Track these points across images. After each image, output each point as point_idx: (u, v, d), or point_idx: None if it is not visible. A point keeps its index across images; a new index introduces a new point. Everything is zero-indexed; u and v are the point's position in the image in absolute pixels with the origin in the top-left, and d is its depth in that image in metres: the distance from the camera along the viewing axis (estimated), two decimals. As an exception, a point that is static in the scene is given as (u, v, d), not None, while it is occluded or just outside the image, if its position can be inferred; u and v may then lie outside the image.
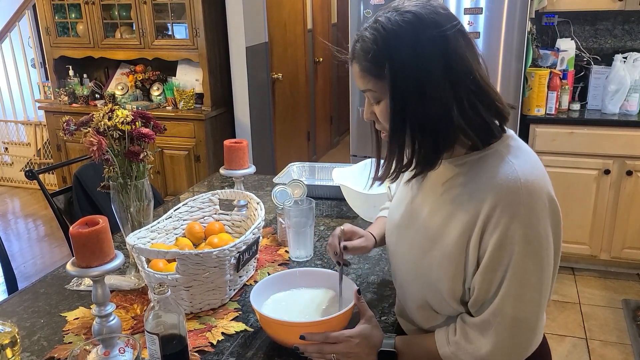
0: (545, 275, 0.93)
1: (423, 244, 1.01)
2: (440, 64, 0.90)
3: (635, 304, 2.91)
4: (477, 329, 0.96)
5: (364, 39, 0.93)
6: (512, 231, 0.89)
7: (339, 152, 5.86)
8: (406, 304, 1.13)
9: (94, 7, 3.82)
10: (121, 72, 4.16)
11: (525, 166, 0.93)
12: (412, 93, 0.91)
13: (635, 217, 3.04)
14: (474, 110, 0.93)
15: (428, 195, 1.04)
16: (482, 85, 0.94)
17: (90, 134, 1.26)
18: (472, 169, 0.96)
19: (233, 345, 1.16)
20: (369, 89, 0.96)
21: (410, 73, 0.90)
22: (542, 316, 0.96)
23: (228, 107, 3.94)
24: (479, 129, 0.94)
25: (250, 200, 1.51)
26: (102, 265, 1.05)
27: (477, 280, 0.94)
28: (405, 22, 0.90)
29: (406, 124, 0.93)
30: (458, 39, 0.92)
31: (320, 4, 5.29)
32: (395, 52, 0.90)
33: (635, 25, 3.28)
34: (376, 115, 0.98)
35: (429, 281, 1.01)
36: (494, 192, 0.90)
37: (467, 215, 0.93)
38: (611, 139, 2.97)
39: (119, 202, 1.37)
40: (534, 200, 0.90)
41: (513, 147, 0.97)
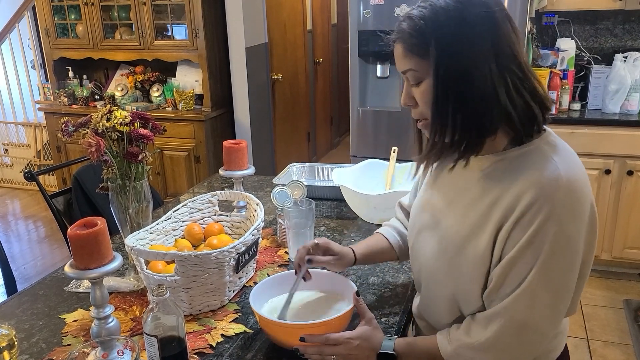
0: (569, 279, 0.91)
1: (456, 242, 0.98)
2: (487, 43, 0.89)
3: (637, 304, 2.90)
4: (484, 321, 0.94)
5: (411, 17, 0.93)
6: (545, 230, 0.87)
7: (339, 152, 5.86)
8: (433, 304, 1.09)
9: (94, 8, 3.82)
10: (121, 73, 4.16)
11: (568, 166, 0.91)
12: (459, 71, 0.90)
13: (636, 217, 3.03)
14: (520, 95, 0.91)
15: (462, 192, 1.01)
16: (526, 72, 0.92)
17: (88, 135, 1.25)
18: (512, 163, 0.94)
19: (232, 347, 1.16)
20: (411, 68, 0.94)
21: (458, 51, 0.89)
22: (555, 321, 0.93)
23: (228, 108, 3.94)
24: (524, 115, 0.92)
25: (250, 201, 1.51)
26: (101, 267, 1.04)
27: (497, 273, 0.92)
28: (456, 0, 0.90)
29: (449, 103, 0.91)
30: (505, 21, 0.91)
31: (320, 5, 5.28)
32: (443, 29, 0.90)
33: (635, 24, 3.27)
34: (415, 100, 0.97)
35: (461, 280, 0.99)
36: (534, 188, 0.88)
37: (503, 210, 0.91)
38: (612, 138, 2.96)
39: (118, 204, 1.36)
40: (573, 202, 0.88)
41: (555, 145, 0.95)
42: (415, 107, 0.99)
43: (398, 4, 2.91)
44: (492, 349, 0.94)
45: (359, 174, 1.83)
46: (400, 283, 1.39)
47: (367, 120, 3.22)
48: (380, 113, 3.17)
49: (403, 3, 2.89)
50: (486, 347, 0.94)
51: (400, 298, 1.32)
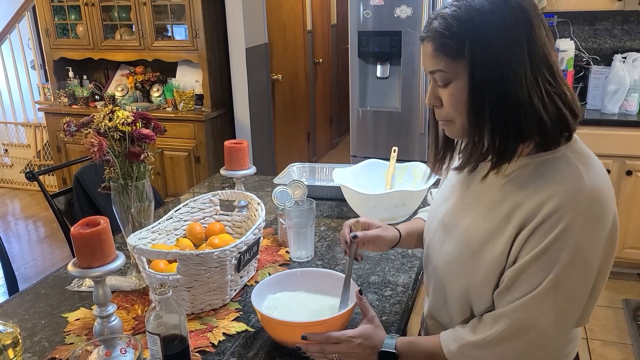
0: (582, 290, 0.90)
1: (473, 244, 0.98)
2: (523, 48, 0.87)
3: (636, 303, 2.90)
4: (491, 320, 0.94)
5: (444, 16, 0.91)
6: (564, 239, 0.86)
7: (339, 152, 5.87)
8: (445, 304, 1.08)
9: (94, 9, 3.83)
10: (121, 74, 4.16)
11: (593, 176, 0.89)
12: (493, 75, 0.88)
13: (635, 217, 3.04)
14: (552, 102, 0.89)
15: (483, 192, 1.00)
16: (557, 77, 0.91)
17: (91, 135, 1.26)
18: (538, 169, 0.92)
19: (234, 346, 1.16)
20: (440, 69, 0.93)
21: (493, 54, 0.87)
22: (564, 330, 0.93)
23: (228, 108, 3.94)
24: (556, 122, 0.90)
25: (251, 200, 1.51)
26: (103, 265, 1.05)
27: (509, 275, 0.92)
28: (490, 1, 0.88)
29: (485, 109, 0.90)
30: (540, 27, 0.90)
31: (319, 5, 5.29)
32: (478, 29, 0.88)
33: (634, 25, 3.28)
34: (441, 101, 0.96)
35: (475, 283, 0.98)
36: (558, 196, 0.87)
37: (524, 215, 0.90)
38: (611, 138, 2.97)
39: (120, 203, 1.37)
40: (596, 213, 0.87)
41: (581, 154, 0.93)
42: (441, 107, 0.97)
43: (398, 5, 2.92)
44: (496, 347, 0.94)
45: (360, 173, 1.84)
46: (401, 282, 1.40)
47: (367, 120, 3.23)
48: (380, 113, 3.18)
49: (403, 4, 2.90)
50: (490, 345, 0.94)
51: (400, 297, 1.33)
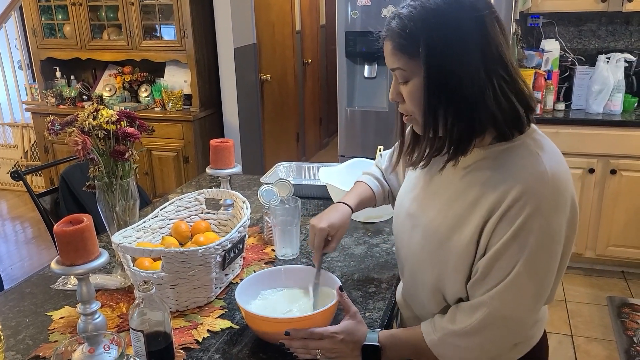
0: (551, 270, 0.94)
1: (441, 232, 1.01)
2: (476, 46, 0.90)
3: (620, 300, 2.95)
4: (469, 309, 0.97)
5: (401, 16, 0.94)
6: (532, 222, 0.90)
7: (328, 153, 5.88)
8: (417, 293, 1.12)
9: (81, 9, 3.81)
10: (109, 74, 4.15)
11: (553, 161, 0.93)
12: (447, 72, 0.91)
13: (619, 215, 3.08)
14: (506, 98, 0.93)
15: (446, 180, 1.03)
16: (513, 74, 0.94)
17: (75, 134, 1.26)
18: (497, 158, 0.96)
19: (218, 342, 1.17)
20: (399, 67, 0.96)
21: (447, 52, 0.90)
22: (537, 310, 0.98)
23: (216, 108, 3.95)
24: (509, 117, 0.94)
25: (237, 199, 1.52)
26: (87, 263, 1.05)
27: (483, 264, 0.95)
28: (444, 2, 0.91)
29: (440, 105, 0.93)
30: (494, 24, 0.93)
31: (308, 6, 5.31)
32: (432, 30, 0.91)
33: (618, 26, 3.32)
34: (402, 96, 0.99)
35: (445, 270, 1.01)
36: (522, 182, 0.91)
37: (490, 203, 0.93)
38: (595, 138, 3.01)
39: (105, 202, 1.37)
40: (558, 196, 0.91)
41: (540, 141, 0.97)
42: (403, 103, 1.00)
43: (385, 5, 2.94)
44: (477, 335, 0.97)
45: (345, 172, 1.85)
46: (385, 279, 1.41)
47: (355, 120, 3.25)
48: (368, 113, 3.20)
49: (390, 4, 2.92)
50: (471, 334, 0.97)
51: (384, 294, 1.34)
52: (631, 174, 3.00)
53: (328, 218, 1.25)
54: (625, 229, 3.09)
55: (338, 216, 1.26)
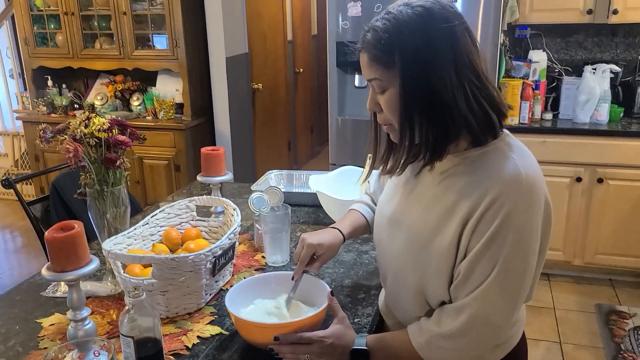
0: (528, 269, 0.97)
1: (423, 236, 1.03)
2: (448, 56, 0.94)
3: (608, 308, 2.98)
4: (454, 311, 0.99)
5: (375, 29, 0.98)
6: (509, 223, 0.93)
7: (320, 161, 5.90)
8: (400, 298, 1.13)
9: (73, 18, 3.83)
10: (101, 83, 4.16)
11: (526, 163, 0.97)
12: (422, 82, 0.95)
13: (606, 224, 3.12)
14: (478, 103, 0.97)
15: (426, 187, 1.06)
16: (484, 82, 0.98)
17: (66, 141, 1.27)
18: (473, 163, 1.00)
19: (208, 348, 1.18)
20: (376, 77, 0.99)
21: (421, 62, 0.94)
22: (517, 308, 1.00)
23: (208, 116, 3.96)
24: (482, 122, 0.98)
25: (227, 206, 1.53)
26: (77, 269, 1.06)
27: (464, 267, 0.97)
28: (417, 14, 0.95)
29: (415, 112, 0.96)
30: (465, 35, 0.97)
31: (300, 16, 5.35)
32: (406, 41, 0.95)
33: (604, 37, 3.39)
34: (380, 106, 1.02)
35: (427, 274, 1.03)
36: (497, 185, 0.94)
37: (468, 207, 0.97)
38: (582, 147, 3.05)
39: (96, 209, 1.38)
40: (533, 196, 0.95)
41: (513, 145, 1.01)
42: (381, 112, 1.04)
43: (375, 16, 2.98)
44: (463, 337, 0.99)
45: (335, 180, 1.87)
46: (373, 285, 1.42)
47: (345, 129, 3.28)
48: (358, 122, 3.23)
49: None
50: (457, 336, 0.99)
51: (373, 300, 1.36)
52: (617, 182, 3.04)
53: (320, 237, 1.26)
54: (613, 237, 3.13)
55: (330, 239, 1.27)
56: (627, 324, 2.82)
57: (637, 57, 3.33)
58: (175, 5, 3.56)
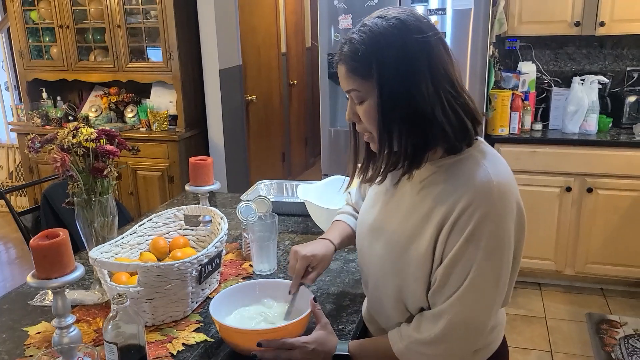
0: (503, 273, 0.99)
1: (401, 243, 1.05)
2: (424, 66, 0.97)
3: (599, 317, 2.99)
4: (432, 318, 1.01)
5: (352, 41, 1.00)
6: (481, 228, 0.95)
7: (314, 173, 5.92)
8: (381, 304, 1.15)
9: (68, 31, 3.86)
10: (95, 95, 4.19)
11: (498, 170, 1.00)
12: (399, 92, 0.97)
13: (597, 233, 3.14)
14: (454, 112, 0.99)
15: (404, 195, 1.08)
16: (459, 91, 1.01)
17: (54, 151, 1.29)
18: (448, 170, 1.02)
19: (193, 355, 1.19)
20: (354, 88, 1.02)
21: (397, 73, 0.97)
22: (494, 312, 1.02)
23: (202, 128, 3.98)
24: (458, 130, 1.00)
25: (215, 215, 1.55)
26: (62, 276, 1.07)
27: (440, 273, 0.99)
28: (392, 26, 0.98)
29: (394, 122, 0.99)
30: (439, 45, 0.99)
31: (294, 29, 5.40)
32: (383, 53, 0.97)
33: (592, 49, 3.43)
34: (359, 116, 1.04)
35: (406, 280, 1.05)
36: (469, 192, 0.97)
37: (442, 214, 0.99)
38: (572, 157, 3.08)
39: (84, 218, 1.39)
40: (504, 202, 0.97)
41: (486, 152, 1.04)
42: (360, 122, 1.06)
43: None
44: (442, 343, 1.00)
45: (324, 189, 1.88)
46: (359, 293, 1.44)
47: (338, 140, 3.30)
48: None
49: (370, 27, 3.00)
50: (436, 342, 1.00)
51: (358, 307, 1.37)
52: (607, 192, 3.07)
53: (313, 249, 1.27)
54: (603, 247, 3.15)
55: (322, 250, 1.28)
56: (617, 333, 2.83)
57: (625, 68, 3.38)
58: (169, 18, 3.60)
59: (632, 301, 3.14)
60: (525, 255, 1.09)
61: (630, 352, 2.66)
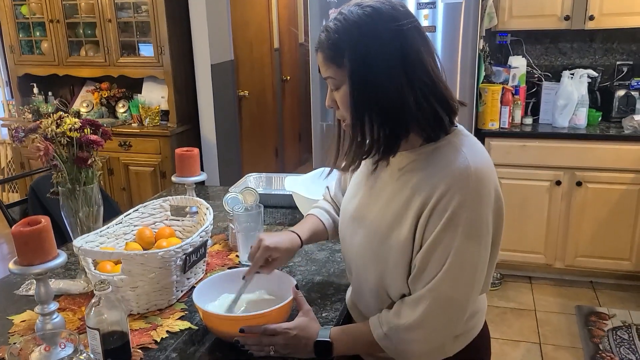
0: (481, 258, 1.00)
1: (381, 231, 1.06)
2: (396, 55, 0.97)
3: (588, 309, 3.01)
4: (412, 303, 1.02)
5: (328, 29, 1.01)
6: (459, 214, 0.96)
7: (308, 168, 5.91)
8: (363, 292, 1.16)
9: (59, 26, 3.85)
10: (86, 90, 4.18)
11: (476, 157, 1.00)
12: (370, 80, 0.98)
13: (586, 226, 3.16)
14: (427, 102, 1.00)
15: (385, 184, 1.10)
16: (435, 80, 1.01)
17: (37, 140, 1.29)
18: (427, 158, 1.03)
19: (177, 342, 1.20)
20: (330, 76, 1.03)
21: (369, 61, 0.97)
22: (473, 297, 1.03)
23: (194, 123, 3.98)
24: (431, 120, 1.01)
25: (200, 206, 1.55)
26: (44, 263, 1.08)
27: (420, 259, 1.00)
28: (366, 14, 0.98)
29: (365, 110, 1.00)
30: (414, 34, 1.00)
31: (287, 24, 5.39)
32: (355, 41, 0.98)
33: (582, 43, 3.45)
34: (337, 103, 1.05)
35: (387, 267, 1.06)
36: (447, 178, 0.97)
37: (421, 200, 1.00)
38: (561, 151, 3.09)
39: (68, 208, 1.40)
40: (482, 187, 0.98)
41: (464, 140, 1.04)
42: (338, 109, 1.07)
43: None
44: (420, 328, 1.01)
45: (311, 181, 1.89)
46: (344, 283, 1.44)
47: (329, 134, 3.31)
48: (341, 127, 3.26)
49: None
50: (415, 327, 1.02)
51: (342, 295, 1.38)
52: (596, 185, 3.08)
53: (278, 241, 1.25)
54: (593, 240, 3.16)
55: (287, 244, 1.27)
56: (606, 325, 2.85)
57: (614, 62, 3.40)
58: (161, 13, 3.59)
59: (621, 294, 3.16)
60: (515, 248, 1.10)
61: (618, 343, 2.69)
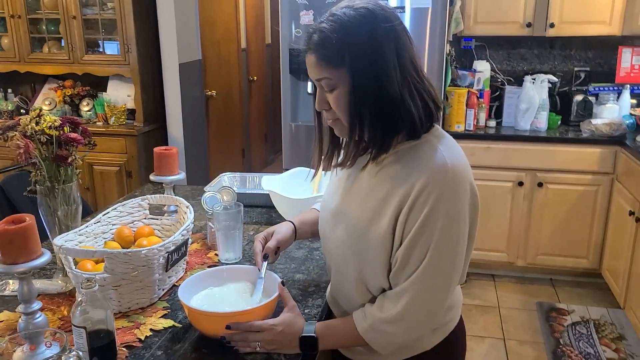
0: (460, 251, 1.05)
1: (361, 225, 1.09)
2: (392, 53, 1.01)
3: (548, 305, 3.13)
4: (394, 297, 1.06)
5: (322, 30, 1.03)
6: (438, 209, 1.00)
7: (274, 169, 5.93)
8: (343, 287, 1.19)
9: (20, 21, 3.74)
10: (49, 87, 4.07)
11: (452, 154, 1.05)
12: (370, 78, 1.01)
13: (547, 226, 3.29)
14: (420, 97, 1.04)
15: (363, 179, 1.13)
16: (422, 77, 1.06)
17: (16, 138, 1.27)
18: (406, 154, 1.07)
19: (161, 340, 1.20)
20: (326, 77, 1.04)
21: (369, 61, 1.01)
22: (451, 289, 1.07)
23: (161, 122, 3.94)
24: (424, 114, 1.05)
25: (180, 204, 1.56)
26: (29, 262, 1.06)
27: (401, 254, 1.04)
28: (361, 15, 1.02)
29: (365, 109, 1.03)
30: (403, 33, 1.05)
31: (254, 25, 5.40)
32: (354, 41, 1.01)
33: (543, 50, 3.59)
34: (329, 104, 1.07)
35: (366, 261, 1.09)
36: (425, 175, 1.01)
37: (400, 195, 1.03)
38: (524, 153, 3.21)
39: (46, 206, 1.38)
40: (458, 183, 1.02)
41: (442, 138, 1.09)
42: (329, 110, 1.09)
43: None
44: (402, 321, 1.05)
45: (288, 181, 1.91)
46: (324, 280, 1.47)
47: (299, 134, 3.33)
48: (311, 128, 3.27)
49: (332, 24, 3.04)
50: (398, 320, 1.05)
51: (323, 292, 1.40)
52: (556, 186, 3.22)
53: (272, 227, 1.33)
54: (553, 239, 3.30)
55: (280, 226, 1.34)
56: (565, 320, 2.98)
57: (572, 68, 3.55)
58: (127, 11, 3.54)
59: (579, 290, 3.31)
60: (479, 247, 1.16)
61: (577, 337, 2.81)
